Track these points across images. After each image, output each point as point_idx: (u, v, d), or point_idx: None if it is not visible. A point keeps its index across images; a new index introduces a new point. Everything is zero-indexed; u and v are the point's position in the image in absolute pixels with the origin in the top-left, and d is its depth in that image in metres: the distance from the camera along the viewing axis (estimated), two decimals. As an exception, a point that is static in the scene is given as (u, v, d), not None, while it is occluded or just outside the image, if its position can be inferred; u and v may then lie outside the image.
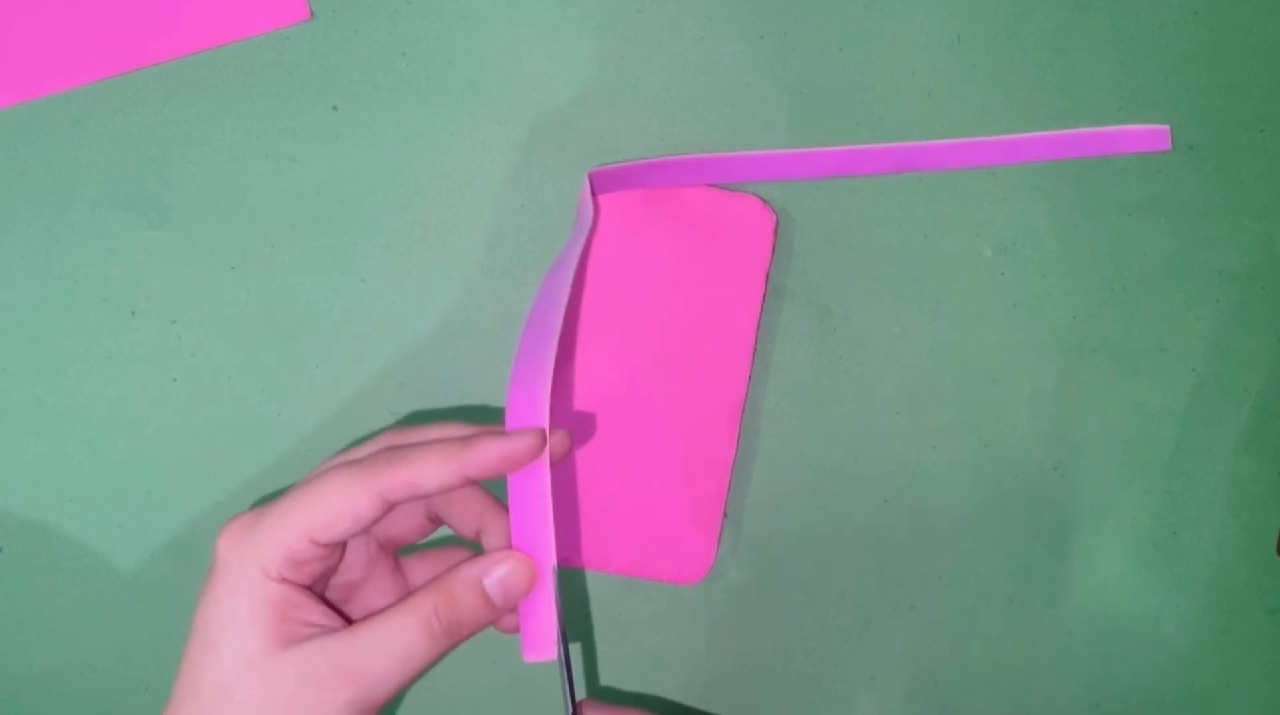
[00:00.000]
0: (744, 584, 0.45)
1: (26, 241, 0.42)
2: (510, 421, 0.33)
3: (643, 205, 0.42)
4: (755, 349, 0.43)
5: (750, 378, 0.43)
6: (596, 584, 0.45)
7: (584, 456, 0.43)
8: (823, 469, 0.45)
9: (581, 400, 0.43)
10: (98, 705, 0.44)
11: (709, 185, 0.43)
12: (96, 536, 0.43)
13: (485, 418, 0.44)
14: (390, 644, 0.30)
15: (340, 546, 0.32)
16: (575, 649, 0.45)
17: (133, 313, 0.43)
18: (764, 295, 0.43)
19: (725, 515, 0.44)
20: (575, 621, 0.45)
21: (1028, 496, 0.46)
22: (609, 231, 0.42)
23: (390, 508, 0.31)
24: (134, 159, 0.42)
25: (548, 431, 0.32)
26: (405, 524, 0.35)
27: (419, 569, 0.36)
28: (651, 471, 0.43)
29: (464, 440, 0.31)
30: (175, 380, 0.43)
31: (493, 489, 0.35)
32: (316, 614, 0.30)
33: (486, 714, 0.45)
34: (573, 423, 0.43)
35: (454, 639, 0.31)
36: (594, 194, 0.42)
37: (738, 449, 0.43)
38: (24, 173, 0.42)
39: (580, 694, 0.44)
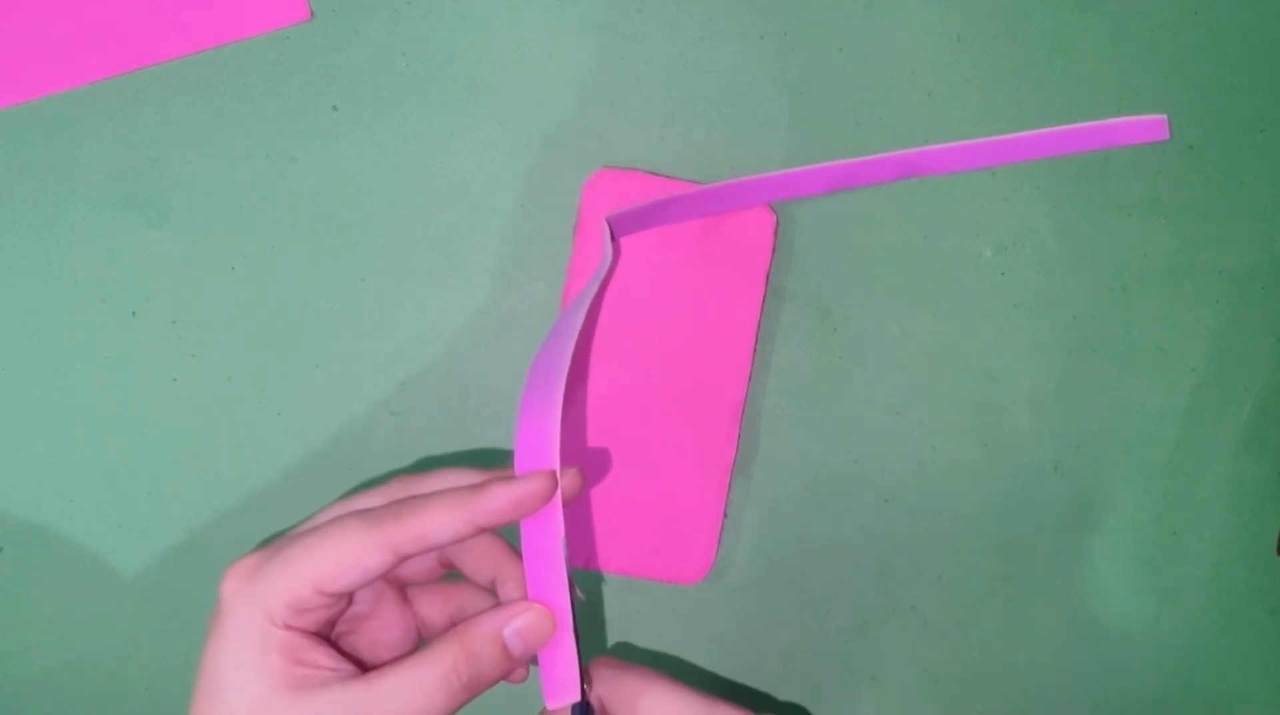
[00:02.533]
0: (744, 584, 0.45)
1: (26, 241, 0.42)
2: (520, 464, 0.32)
3: (643, 205, 0.43)
4: (755, 349, 0.43)
5: (750, 378, 0.43)
6: (597, 584, 0.45)
7: (584, 457, 0.43)
8: (823, 469, 0.45)
9: (582, 400, 0.43)
10: (98, 705, 0.44)
11: (710, 187, 0.43)
12: (96, 536, 0.43)
13: (484, 417, 0.44)
14: (409, 699, 0.29)
15: (347, 595, 0.31)
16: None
17: (133, 313, 0.43)
18: (764, 295, 0.43)
19: (725, 515, 0.44)
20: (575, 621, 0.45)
21: (1028, 496, 0.45)
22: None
23: (401, 561, 0.30)
24: (134, 159, 0.42)
25: (559, 473, 0.32)
26: (415, 569, 0.34)
27: (426, 602, 0.35)
28: (652, 472, 0.43)
29: (474, 488, 0.31)
30: (175, 380, 0.43)
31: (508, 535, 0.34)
32: (324, 656, 0.30)
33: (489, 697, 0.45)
34: (571, 423, 0.43)
35: (472, 693, 0.30)
36: (614, 237, 0.41)
37: (738, 449, 0.43)
38: (24, 173, 0.42)
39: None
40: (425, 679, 0.29)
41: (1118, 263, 0.45)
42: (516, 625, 0.31)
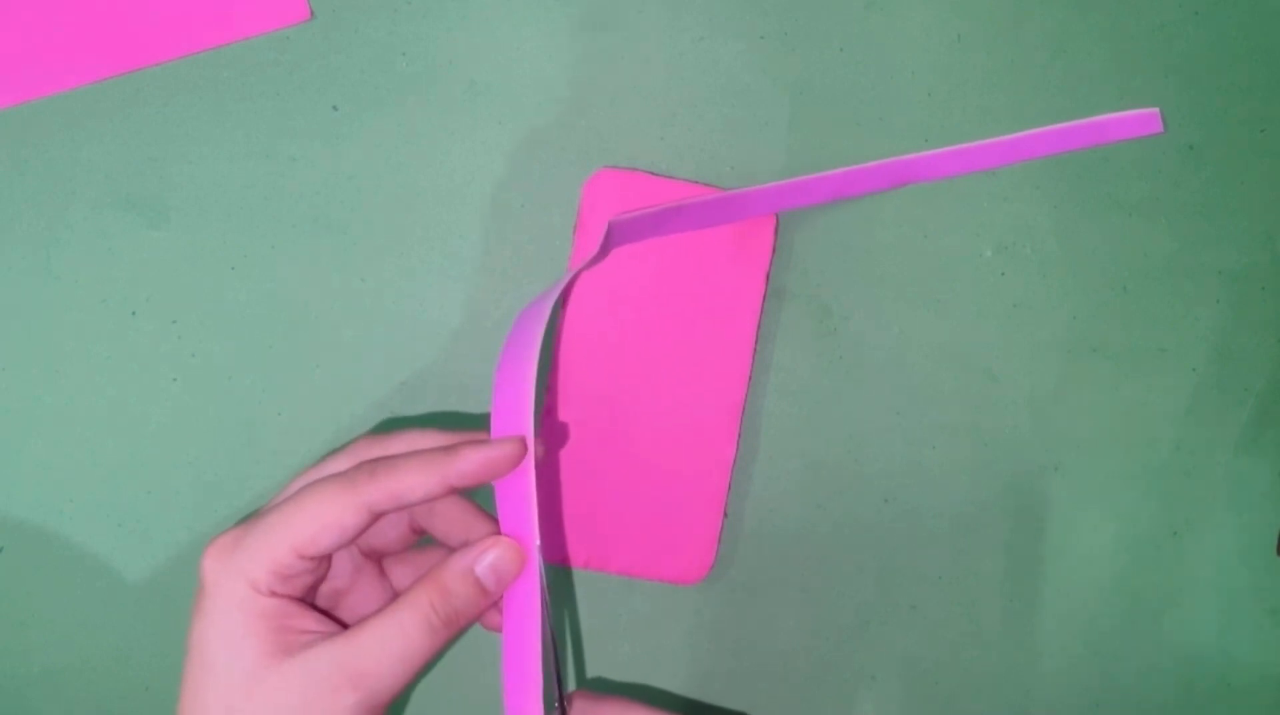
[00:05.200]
0: (744, 584, 0.45)
1: (26, 241, 0.42)
2: (495, 428, 0.33)
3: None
4: (755, 349, 0.43)
5: (750, 378, 0.43)
6: (596, 584, 0.45)
7: (584, 456, 0.43)
8: (823, 469, 0.45)
9: (582, 400, 0.43)
10: (98, 705, 0.44)
11: (710, 186, 0.43)
12: (96, 536, 0.43)
13: (484, 417, 0.44)
14: (391, 643, 0.30)
15: (327, 558, 0.32)
16: (575, 650, 0.45)
17: (133, 313, 0.43)
18: (764, 295, 0.43)
19: (725, 515, 0.44)
20: (575, 621, 0.45)
21: (1028, 496, 0.46)
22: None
23: (376, 519, 0.31)
24: (134, 159, 0.42)
25: (531, 438, 0.32)
26: (389, 535, 0.35)
27: (401, 572, 0.36)
28: (651, 471, 0.43)
29: (447, 450, 0.31)
30: (175, 380, 0.43)
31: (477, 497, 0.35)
32: (311, 621, 0.30)
33: (481, 712, 0.45)
34: (572, 422, 0.43)
35: (452, 631, 0.31)
36: (610, 242, 0.41)
37: (738, 449, 0.43)
38: (24, 173, 0.42)
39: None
40: (404, 622, 0.30)
41: (1118, 263, 0.45)
42: (487, 560, 0.31)
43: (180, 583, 0.43)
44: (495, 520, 0.34)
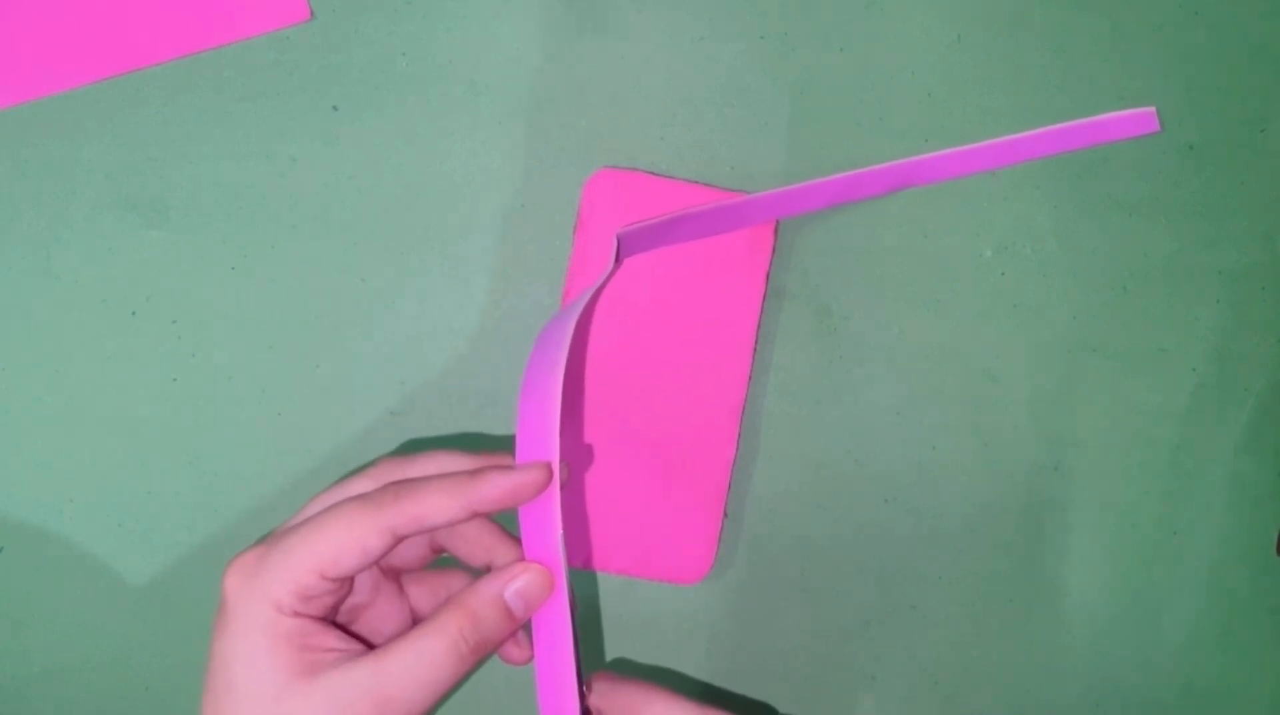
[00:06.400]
0: (744, 584, 0.45)
1: (26, 241, 0.42)
2: (521, 453, 0.33)
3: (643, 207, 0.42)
4: (755, 349, 0.43)
5: (750, 378, 0.43)
6: (597, 584, 0.45)
7: (585, 456, 0.43)
8: (823, 469, 0.45)
9: (582, 400, 0.43)
10: (98, 705, 0.44)
11: (710, 186, 0.43)
12: (96, 536, 0.43)
13: (484, 417, 0.44)
14: (419, 669, 0.30)
15: (350, 579, 0.32)
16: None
17: (133, 313, 0.43)
18: (764, 295, 0.43)
19: (725, 515, 0.44)
20: (574, 621, 0.45)
21: (1028, 496, 0.46)
22: (609, 233, 0.42)
23: (398, 542, 0.31)
24: (134, 159, 0.42)
25: (557, 463, 0.32)
26: (407, 554, 0.35)
27: (419, 590, 0.36)
28: (651, 471, 0.43)
29: (472, 474, 0.31)
30: (175, 380, 0.43)
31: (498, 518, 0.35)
32: (333, 640, 0.30)
33: (488, 706, 0.45)
34: (572, 422, 0.43)
35: (479, 657, 0.31)
36: (619, 254, 0.41)
37: (738, 449, 0.43)
38: (24, 173, 0.42)
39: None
40: (434, 648, 0.30)
41: (1118, 263, 0.45)
42: (516, 586, 0.31)
43: (180, 583, 0.43)
44: (517, 541, 0.34)
